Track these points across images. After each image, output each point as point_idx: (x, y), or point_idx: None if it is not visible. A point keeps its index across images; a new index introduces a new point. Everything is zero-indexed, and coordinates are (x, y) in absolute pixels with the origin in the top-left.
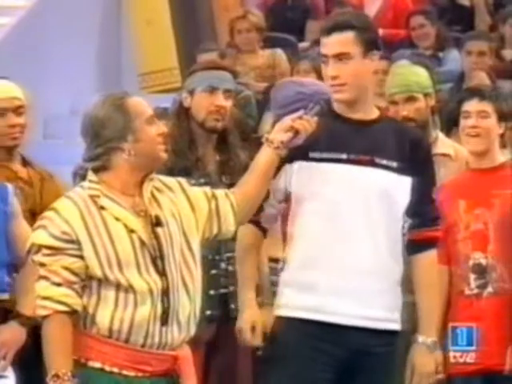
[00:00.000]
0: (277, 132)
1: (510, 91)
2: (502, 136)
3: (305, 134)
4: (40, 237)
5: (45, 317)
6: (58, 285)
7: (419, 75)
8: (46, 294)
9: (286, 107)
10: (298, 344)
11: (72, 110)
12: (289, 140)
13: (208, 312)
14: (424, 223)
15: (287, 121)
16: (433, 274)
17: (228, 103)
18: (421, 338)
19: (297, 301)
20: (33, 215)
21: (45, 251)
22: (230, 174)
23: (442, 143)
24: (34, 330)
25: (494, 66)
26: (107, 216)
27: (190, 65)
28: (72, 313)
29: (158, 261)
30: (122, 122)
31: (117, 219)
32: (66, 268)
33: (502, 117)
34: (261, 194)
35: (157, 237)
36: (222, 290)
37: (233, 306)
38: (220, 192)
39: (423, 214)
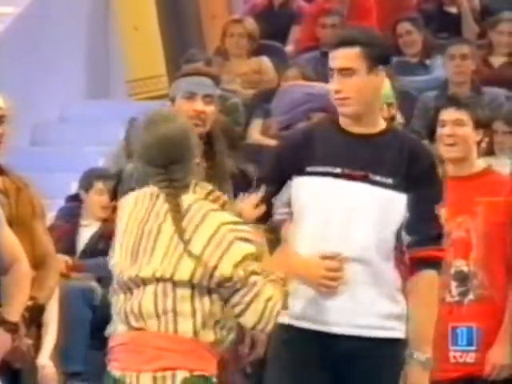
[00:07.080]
0: None
1: (489, 98)
2: (488, 143)
3: None
4: (251, 248)
5: None
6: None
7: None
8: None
9: (293, 110)
10: (289, 350)
11: (61, 116)
12: None
13: None
14: (421, 242)
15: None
16: (427, 294)
17: (208, 108)
18: (415, 354)
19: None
20: (9, 225)
21: (251, 261)
22: (214, 181)
23: None
24: None
25: (481, 73)
26: None
27: (178, 72)
28: None
29: None
30: (195, 138)
31: None
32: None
33: (479, 124)
34: None
35: None
36: None
37: None
38: None
39: (421, 231)
